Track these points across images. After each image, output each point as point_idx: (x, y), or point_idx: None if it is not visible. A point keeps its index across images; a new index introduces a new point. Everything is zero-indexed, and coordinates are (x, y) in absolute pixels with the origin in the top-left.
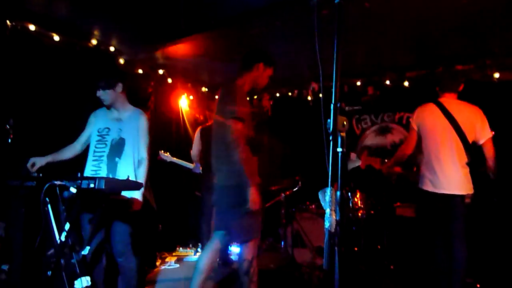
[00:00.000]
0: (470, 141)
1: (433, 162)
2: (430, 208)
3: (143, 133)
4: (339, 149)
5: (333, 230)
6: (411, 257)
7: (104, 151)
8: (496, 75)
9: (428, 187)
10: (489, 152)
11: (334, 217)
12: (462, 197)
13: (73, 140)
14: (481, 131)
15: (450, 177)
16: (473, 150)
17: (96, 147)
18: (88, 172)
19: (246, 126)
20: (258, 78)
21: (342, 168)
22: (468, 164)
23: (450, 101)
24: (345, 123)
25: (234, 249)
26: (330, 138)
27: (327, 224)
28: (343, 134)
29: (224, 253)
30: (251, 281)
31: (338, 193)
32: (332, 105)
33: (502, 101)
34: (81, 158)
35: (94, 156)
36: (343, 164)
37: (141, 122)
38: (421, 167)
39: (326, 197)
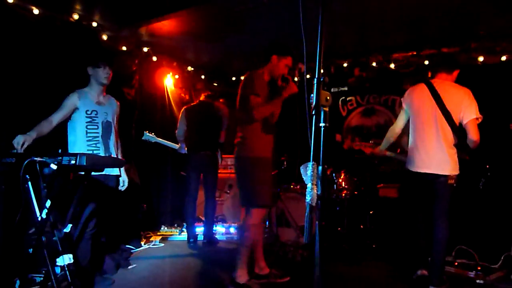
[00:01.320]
0: (457, 123)
1: (418, 141)
2: (414, 188)
3: (117, 118)
4: (321, 124)
5: (314, 204)
6: (393, 237)
7: (98, 133)
8: (481, 58)
9: (413, 167)
10: (470, 134)
11: (315, 191)
12: (445, 177)
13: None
14: (466, 111)
15: (434, 156)
16: (460, 132)
17: (87, 128)
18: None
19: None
20: (274, 68)
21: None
22: (456, 145)
23: (440, 82)
24: (328, 98)
25: (220, 229)
26: (313, 113)
27: (308, 198)
28: (326, 109)
29: (209, 231)
30: (244, 244)
31: (320, 167)
32: (315, 79)
33: (486, 84)
34: (58, 135)
35: (87, 136)
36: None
37: (118, 109)
38: (408, 148)
39: (308, 172)
